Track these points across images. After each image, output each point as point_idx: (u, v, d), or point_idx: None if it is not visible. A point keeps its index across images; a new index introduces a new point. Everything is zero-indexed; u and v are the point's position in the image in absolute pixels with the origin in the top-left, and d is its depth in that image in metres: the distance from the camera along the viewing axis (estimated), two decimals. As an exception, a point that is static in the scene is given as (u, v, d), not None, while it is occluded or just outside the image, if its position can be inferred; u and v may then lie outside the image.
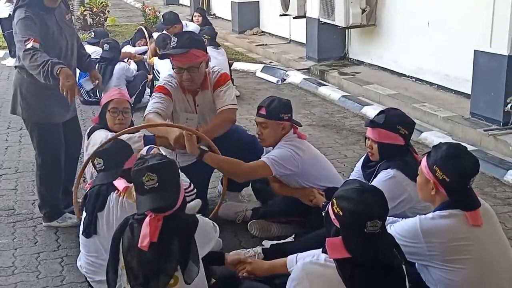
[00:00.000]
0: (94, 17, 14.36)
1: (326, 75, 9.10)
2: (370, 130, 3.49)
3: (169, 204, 2.72)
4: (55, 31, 4.06)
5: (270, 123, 3.86)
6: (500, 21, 5.80)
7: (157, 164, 2.72)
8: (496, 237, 2.82)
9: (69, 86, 3.75)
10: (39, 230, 4.37)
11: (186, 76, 4.04)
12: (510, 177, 5.11)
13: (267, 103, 3.89)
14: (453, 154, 2.76)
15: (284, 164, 3.79)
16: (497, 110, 5.98)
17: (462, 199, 2.76)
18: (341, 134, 6.56)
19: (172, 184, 2.75)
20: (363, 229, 2.37)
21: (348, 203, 2.40)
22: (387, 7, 8.70)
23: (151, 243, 2.65)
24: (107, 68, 7.52)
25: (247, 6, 13.48)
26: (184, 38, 4.07)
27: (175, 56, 4.04)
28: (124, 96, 4.21)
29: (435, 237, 2.71)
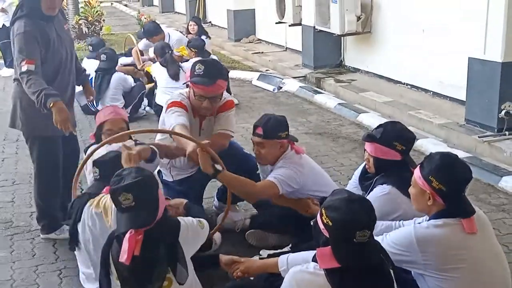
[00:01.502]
0: (89, 26, 14.39)
1: (322, 82, 9.14)
2: (367, 143, 3.50)
3: (147, 221, 2.75)
4: (55, 40, 4.08)
5: (268, 143, 3.84)
6: (494, 29, 5.84)
7: (132, 184, 2.72)
8: (490, 244, 2.85)
9: (62, 121, 3.83)
10: (37, 242, 4.38)
11: (206, 104, 4.04)
12: (505, 183, 5.14)
13: (264, 122, 3.86)
14: (447, 163, 2.80)
15: (289, 183, 3.81)
16: (491, 117, 6.02)
17: (458, 206, 2.79)
18: (338, 142, 6.59)
19: (149, 201, 2.77)
20: (352, 238, 2.41)
21: (336, 213, 2.44)
22: (382, 14, 8.75)
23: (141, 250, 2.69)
24: (104, 78, 7.56)
25: (243, 14, 13.53)
26: (211, 68, 4.05)
27: (200, 85, 3.99)
28: (119, 114, 4.07)
29: (430, 246, 2.73)
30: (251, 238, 4.12)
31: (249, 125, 7.05)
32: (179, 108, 4.01)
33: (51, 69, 4.08)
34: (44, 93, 3.79)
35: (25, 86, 3.87)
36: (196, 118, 4.21)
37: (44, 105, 3.80)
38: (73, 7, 15.30)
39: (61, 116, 3.84)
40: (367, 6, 8.89)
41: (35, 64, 3.87)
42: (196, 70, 4.03)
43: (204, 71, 3.99)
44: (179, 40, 9.01)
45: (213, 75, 4.00)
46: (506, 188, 5.10)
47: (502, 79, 5.88)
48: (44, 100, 3.79)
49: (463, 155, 5.69)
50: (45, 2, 3.98)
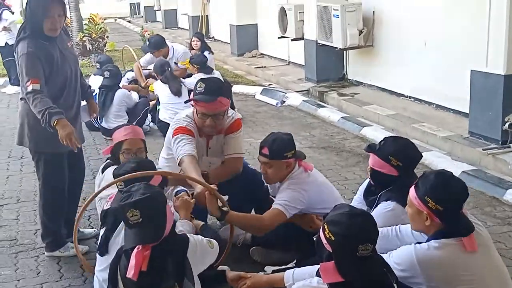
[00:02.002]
0: (93, 42, 14.47)
1: (325, 96, 9.16)
2: (371, 154, 3.50)
3: (155, 237, 2.79)
4: (59, 59, 4.11)
5: (274, 163, 3.84)
6: (495, 41, 5.86)
7: (140, 200, 2.77)
8: (490, 259, 2.83)
9: (67, 136, 3.85)
10: (41, 260, 4.37)
11: (209, 122, 4.04)
12: (510, 196, 5.11)
13: (270, 142, 3.85)
14: (442, 183, 2.78)
15: (295, 205, 3.81)
16: (495, 129, 6.01)
17: (457, 225, 2.78)
18: (341, 156, 6.59)
19: (156, 218, 2.81)
20: (355, 253, 2.44)
21: (339, 228, 2.47)
22: (384, 28, 8.78)
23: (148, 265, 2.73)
24: (108, 94, 7.61)
25: (245, 29, 13.61)
26: (212, 85, 4.06)
27: (201, 103, 4.00)
28: (138, 135, 4.10)
29: (432, 268, 2.72)
30: (256, 254, 4.11)
31: (253, 140, 7.12)
32: (185, 134, 4.00)
33: (56, 88, 4.11)
34: (48, 111, 3.83)
35: (32, 106, 3.92)
36: (203, 138, 4.20)
37: (49, 123, 3.84)
38: (77, 24, 15.41)
39: (65, 131, 3.86)
40: (369, 20, 8.92)
41: (40, 84, 3.91)
42: (197, 88, 4.05)
43: (205, 89, 4.00)
44: (185, 53, 9.05)
45: (213, 93, 4.00)
46: (511, 201, 5.08)
47: (505, 91, 5.88)
48: (48, 119, 3.83)
49: (468, 168, 5.68)
50: (46, 24, 4.01)
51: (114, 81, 7.76)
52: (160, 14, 23.46)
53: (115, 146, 4.07)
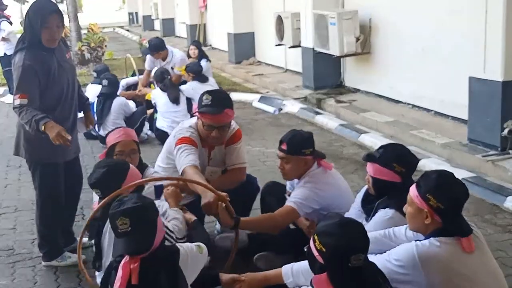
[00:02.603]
0: (92, 52, 14.48)
1: (323, 103, 9.15)
2: (368, 163, 3.48)
3: (142, 247, 2.75)
4: (56, 70, 4.10)
5: (292, 158, 3.86)
6: (493, 48, 5.86)
7: (131, 208, 2.74)
8: (487, 262, 2.84)
9: (57, 136, 3.81)
10: (38, 270, 4.34)
11: (215, 134, 4.05)
12: (510, 203, 5.09)
13: (289, 138, 3.88)
14: (444, 181, 2.80)
15: (309, 204, 3.81)
16: (494, 136, 6.00)
17: (456, 225, 2.78)
18: (339, 163, 6.57)
19: (146, 228, 2.76)
20: (347, 263, 2.41)
21: (329, 239, 2.44)
22: (380, 35, 8.79)
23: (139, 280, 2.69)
24: (106, 103, 7.60)
25: (243, 37, 13.63)
26: (219, 98, 4.09)
27: (208, 115, 4.02)
28: (130, 136, 4.13)
29: (432, 265, 2.71)
30: (260, 262, 4.08)
31: (250, 147, 7.10)
32: (188, 145, 4.02)
33: (53, 99, 4.11)
34: (34, 119, 3.85)
35: (19, 119, 3.97)
36: (205, 148, 4.22)
37: (38, 130, 3.84)
38: (76, 33, 15.46)
39: (54, 131, 3.82)
40: (365, 27, 8.93)
41: (28, 98, 3.93)
42: (203, 101, 4.05)
43: (212, 101, 4.02)
44: (182, 60, 9.06)
45: (220, 105, 4.03)
46: (512, 208, 5.07)
47: (503, 98, 5.88)
48: (36, 126, 3.84)
49: (467, 175, 5.65)
50: (45, 35, 4.01)
51: (113, 89, 7.76)
52: (158, 23, 23.50)
53: (109, 149, 4.09)
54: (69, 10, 15.46)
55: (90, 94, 7.77)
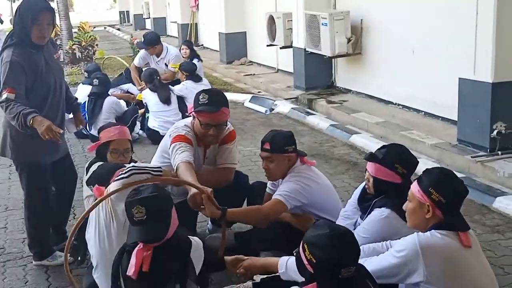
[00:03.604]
0: (83, 50, 14.46)
1: (314, 103, 9.18)
2: (368, 163, 3.49)
3: (156, 236, 2.82)
4: (43, 68, 4.09)
5: (276, 157, 3.91)
6: (483, 49, 5.90)
7: (147, 198, 2.81)
8: (481, 260, 2.89)
9: (46, 130, 3.79)
10: (29, 269, 4.34)
11: (213, 132, 4.08)
12: (499, 204, 5.14)
13: (270, 137, 3.95)
14: (446, 177, 2.87)
15: (296, 197, 3.84)
16: (483, 137, 6.04)
17: (456, 219, 2.84)
18: (330, 163, 6.60)
19: (161, 217, 2.83)
20: (337, 275, 2.40)
21: (320, 251, 2.43)
22: (372, 36, 8.83)
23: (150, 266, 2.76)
24: (97, 102, 7.59)
25: (234, 37, 13.65)
26: (215, 96, 4.12)
27: (205, 114, 4.05)
28: (125, 135, 4.14)
29: (433, 254, 2.74)
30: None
31: (242, 147, 7.10)
32: (183, 142, 4.03)
33: (39, 98, 4.08)
34: (22, 113, 3.81)
35: (6, 114, 3.93)
36: (201, 147, 4.24)
37: (25, 124, 3.80)
38: (66, 32, 15.42)
39: (43, 126, 3.80)
40: (357, 28, 8.97)
41: (15, 94, 3.89)
42: (200, 100, 4.08)
43: (209, 100, 4.05)
44: (177, 56, 9.04)
45: (217, 103, 4.06)
46: (501, 208, 5.10)
47: (492, 99, 5.91)
48: (23, 120, 3.80)
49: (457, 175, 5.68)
50: (35, 31, 4.00)
51: (103, 89, 7.74)
52: (149, 22, 23.47)
53: (103, 145, 4.08)
54: (59, 8, 15.42)
55: (81, 94, 7.75)
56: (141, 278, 2.78)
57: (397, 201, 3.26)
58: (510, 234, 4.65)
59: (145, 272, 2.77)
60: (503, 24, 5.74)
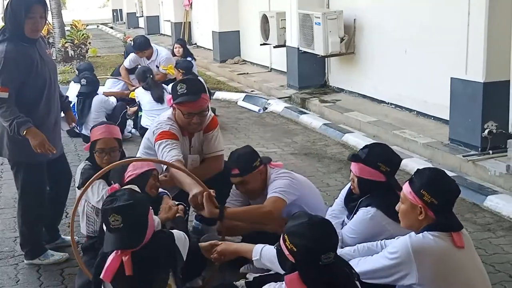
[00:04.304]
0: (76, 49, 14.41)
1: (307, 103, 9.20)
2: (352, 163, 3.52)
3: (134, 243, 2.83)
4: (38, 62, 4.09)
5: (249, 178, 3.89)
6: (475, 49, 5.92)
7: (123, 206, 2.80)
8: (474, 259, 2.90)
9: (39, 145, 3.92)
10: (20, 268, 4.32)
11: (196, 120, 4.09)
12: (490, 202, 5.17)
13: (235, 161, 3.93)
14: (438, 177, 2.88)
15: (290, 191, 3.84)
16: (475, 136, 6.07)
17: (448, 220, 2.85)
18: (323, 162, 6.61)
19: (137, 225, 2.85)
20: (318, 262, 2.49)
21: (300, 239, 2.52)
22: (365, 35, 8.85)
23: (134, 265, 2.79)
24: (85, 102, 7.55)
25: (228, 36, 13.64)
26: (193, 85, 4.14)
27: (186, 103, 4.05)
28: (112, 134, 4.11)
29: (425, 255, 2.76)
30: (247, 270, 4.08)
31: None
32: (169, 139, 4.01)
33: (36, 91, 4.09)
34: (16, 122, 3.87)
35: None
36: (185, 137, 4.24)
37: (18, 133, 3.88)
38: (59, 30, 15.35)
39: (37, 140, 3.92)
40: (350, 28, 8.98)
41: (9, 92, 3.91)
42: (178, 90, 4.07)
43: (187, 89, 4.06)
44: (168, 59, 9.03)
45: (196, 91, 4.08)
46: (491, 207, 5.13)
47: (484, 98, 5.94)
48: (16, 129, 3.88)
49: (448, 174, 5.70)
50: (28, 25, 3.99)
51: (91, 89, 7.67)
52: (142, 21, 23.43)
53: (91, 145, 4.10)
54: (52, 6, 15.34)
55: (72, 92, 7.73)
56: (126, 279, 2.79)
57: (383, 199, 3.30)
58: (501, 232, 4.69)
59: (128, 276, 2.78)
60: (494, 24, 5.77)
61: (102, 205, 2.89)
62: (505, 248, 4.41)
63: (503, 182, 5.49)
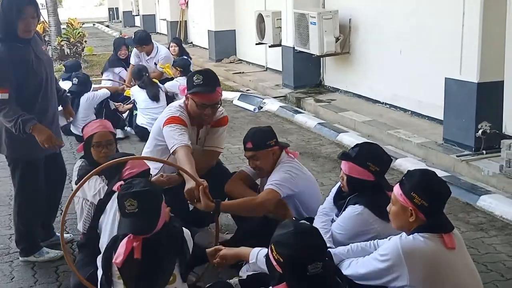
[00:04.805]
0: (72, 47, 14.39)
1: (302, 102, 9.22)
2: (342, 162, 3.54)
3: (146, 229, 2.93)
4: (33, 61, 4.09)
5: (260, 154, 3.98)
6: (469, 50, 5.95)
7: (140, 191, 2.92)
8: (467, 261, 2.91)
9: (47, 140, 3.96)
10: (15, 265, 4.33)
11: (208, 111, 4.12)
12: (483, 202, 5.20)
13: (251, 136, 4.02)
14: (428, 180, 2.88)
15: (287, 185, 3.89)
16: (469, 136, 6.10)
17: (439, 222, 2.86)
18: (318, 161, 6.64)
19: (152, 211, 2.96)
20: (305, 272, 2.44)
21: (286, 250, 2.48)
22: (360, 35, 8.88)
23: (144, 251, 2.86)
24: (74, 101, 7.52)
25: (223, 35, 13.65)
26: (210, 77, 4.17)
27: (201, 94, 4.07)
28: (106, 128, 4.17)
29: (416, 258, 2.77)
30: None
31: (230, 145, 7.13)
32: (178, 124, 4.03)
33: (32, 91, 4.10)
34: (21, 120, 3.89)
35: (1, 115, 3.96)
36: (194, 127, 4.26)
37: (24, 131, 3.90)
38: (55, 28, 15.32)
39: (44, 135, 3.96)
40: (345, 28, 9.01)
41: (8, 93, 3.92)
42: (195, 81, 4.10)
43: (203, 80, 4.09)
44: (166, 57, 9.06)
45: (212, 84, 4.12)
46: (485, 207, 5.16)
47: (478, 99, 5.97)
48: (22, 127, 3.89)
49: (442, 174, 5.73)
50: (20, 26, 3.99)
51: (82, 88, 7.62)
52: (138, 19, 23.42)
53: (86, 141, 4.12)
54: (48, 4, 15.33)
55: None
56: (134, 264, 2.87)
57: (371, 198, 3.32)
58: (493, 232, 4.72)
59: (136, 260, 2.86)
60: (489, 25, 5.80)
61: (119, 191, 3.01)
62: (497, 248, 4.45)
63: (496, 182, 5.53)
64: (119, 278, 2.98)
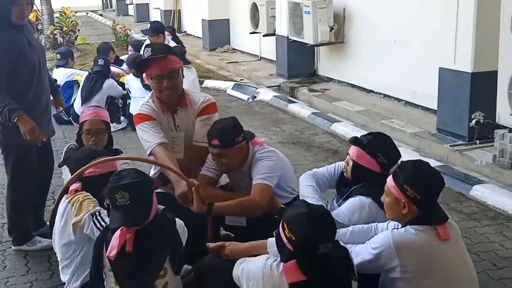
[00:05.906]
0: (64, 35, 14.31)
1: (296, 92, 9.20)
2: (352, 146, 3.44)
3: (139, 220, 2.90)
4: (26, 48, 4.09)
5: (228, 151, 3.66)
6: (463, 40, 5.95)
7: (131, 183, 2.87)
8: (461, 252, 2.91)
9: (30, 132, 3.94)
10: (8, 254, 4.33)
11: (166, 83, 3.83)
12: (476, 192, 5.22)
13: (218, 132, 3.65)
14: (421, 171, 2.86)
15: (275, 174, 3.69)
16: (462, 126, 6.11)
17: (432, 213, 2.85)
18: (311, 151, 6.64)
19: (143, 203, 2.92)
20: (315, 251, 2.51)
21: (299, 229, 2.52)
22: (354, 25, 8.85)
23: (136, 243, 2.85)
24: (98, 81, 7.63)
25: (217, 24, 13.59)
26: (158, 47, 4.04)
27: (153, 65, 3.84)
28: (99, 116, 4.15)
29: (407, 251, 2.77)
30: None
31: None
32: (146, 122, 3.86)
33: (25, 77, 4.09)
34: (7, 108, 3.89)
35: None
36: (168, 113, 3.98)
37: (9, 119, 3.90)
38: (48, 17, 15.22)
39: (27, 127, 3.94)
40: (339, 17, 8.99)
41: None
42: (144, 55, 3.91)
43: (152, 52, 3.86)
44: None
45: (161, 52, 3.88)
46: (477, 196, 5.18)
47: (472, 89, 5.97)
48: (8, 116, 3.89)
49: (435, 164, 5.74)
50: (14, 12, 3.99)
51: (107, 70, 7.82)
52: (132, 8, 23.26)
53: (79, 126, 4.16)
54: (41, -7, 15.23)
55: (58, 77, 7.68)
56: (126, 257, 2.85)
57: (376, 190, 3.21)
58: (486, 221, 4.74)
59: (128, 252, 2.84)
60: (483, 15, 5.79)
61: (109, 183, 2.91)
62: (489, 237, 4.47)
63: (489, 171, 5.54)
64: (110, 270, 2.96)
